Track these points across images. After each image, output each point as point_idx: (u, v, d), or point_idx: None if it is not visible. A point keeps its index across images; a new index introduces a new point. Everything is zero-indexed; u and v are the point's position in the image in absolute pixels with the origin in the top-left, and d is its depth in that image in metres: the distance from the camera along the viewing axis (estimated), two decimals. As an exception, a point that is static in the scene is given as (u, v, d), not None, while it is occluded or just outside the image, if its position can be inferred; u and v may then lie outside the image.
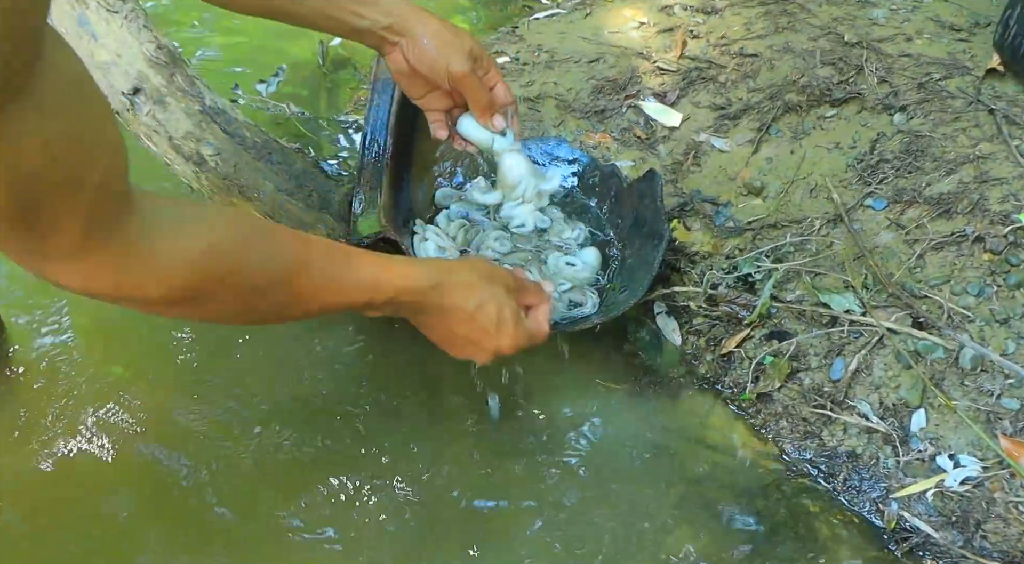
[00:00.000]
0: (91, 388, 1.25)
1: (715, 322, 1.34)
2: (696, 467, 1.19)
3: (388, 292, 0.88)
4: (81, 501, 1.12)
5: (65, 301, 1.34)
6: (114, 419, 1.21)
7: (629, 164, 1.58)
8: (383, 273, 0.88)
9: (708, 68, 1.72)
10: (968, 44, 1.62)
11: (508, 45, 1.90)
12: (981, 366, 1.15)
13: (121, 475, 1.16)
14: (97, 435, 1.19)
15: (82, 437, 1.19)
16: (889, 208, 1.36)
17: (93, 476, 1.15)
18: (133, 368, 1.28)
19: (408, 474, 1.17)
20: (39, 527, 1.10)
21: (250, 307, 0.80)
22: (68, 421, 1.20)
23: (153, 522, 1.11)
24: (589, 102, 1.71)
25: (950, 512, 1.08)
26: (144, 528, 1.10)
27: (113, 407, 1.22)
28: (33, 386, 1.25)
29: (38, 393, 1.24)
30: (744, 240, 1.41)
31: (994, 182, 1.31)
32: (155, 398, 1.24)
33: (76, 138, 0.60)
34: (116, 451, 1.18)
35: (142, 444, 1.18)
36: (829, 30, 1.71)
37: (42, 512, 1.11)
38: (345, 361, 1.32)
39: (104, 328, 1.33)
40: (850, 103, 1.55)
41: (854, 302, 1.26)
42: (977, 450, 1.11)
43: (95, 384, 1.25)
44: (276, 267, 0.79)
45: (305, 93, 1.90)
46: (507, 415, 1.25)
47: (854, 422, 1.18)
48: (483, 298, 0.96)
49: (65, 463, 1.16)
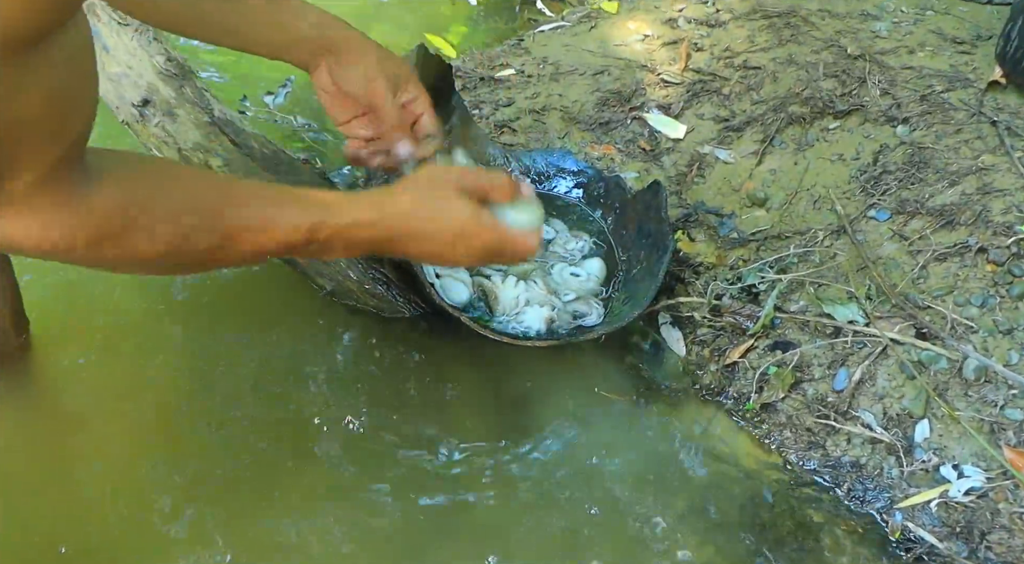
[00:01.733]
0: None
1: (719, 333, 1.34)
2: (700, 477, 1.20)
3: (328, 229, 0.83)
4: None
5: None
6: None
7: (633, 176, 1.59)
8: (320, 210, 0.84)
9: (712, 80, 1.73)
10: (970, 57, 1.63)
11: (513, 57, 1.92)
12: (985, 377, 1.15)
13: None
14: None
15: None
16: (892, 219, 1.37)
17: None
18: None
19: (404, 486, 1.17)
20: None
21: (173, 249, 0.78)
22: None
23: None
24: (594, 114, 1.72)
25: (954, 523, 1.08)
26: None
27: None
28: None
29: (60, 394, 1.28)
30: (748, 251, 1.42)
31: (997, 193, 1.32)
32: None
33: (72, 95, 0.63)
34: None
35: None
36: (832, 43, 1.72)
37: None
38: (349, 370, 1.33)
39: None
40: (853, 115, 1.55)
41: (858, 313, 1.26)
42: (981, 461, 1.11)
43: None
44: (199, 206, 0.78)
45: (313, 105, 1.91)
46: (510, 424, 1.26)
47: (858, 432, 1.18)
48: (432, 213, 0.89)
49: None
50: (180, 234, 0.77)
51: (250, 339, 1.35)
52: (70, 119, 0.65)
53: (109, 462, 1.19)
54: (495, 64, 1.91)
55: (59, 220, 0.70)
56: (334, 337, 1.37)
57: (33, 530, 1.11)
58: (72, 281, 1.39)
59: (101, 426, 1.23)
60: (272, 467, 1.19)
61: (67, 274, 1.40)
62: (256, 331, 1.37)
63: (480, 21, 2.28)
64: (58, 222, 0.70)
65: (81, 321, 1.36)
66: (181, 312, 1.40)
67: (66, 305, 1.38)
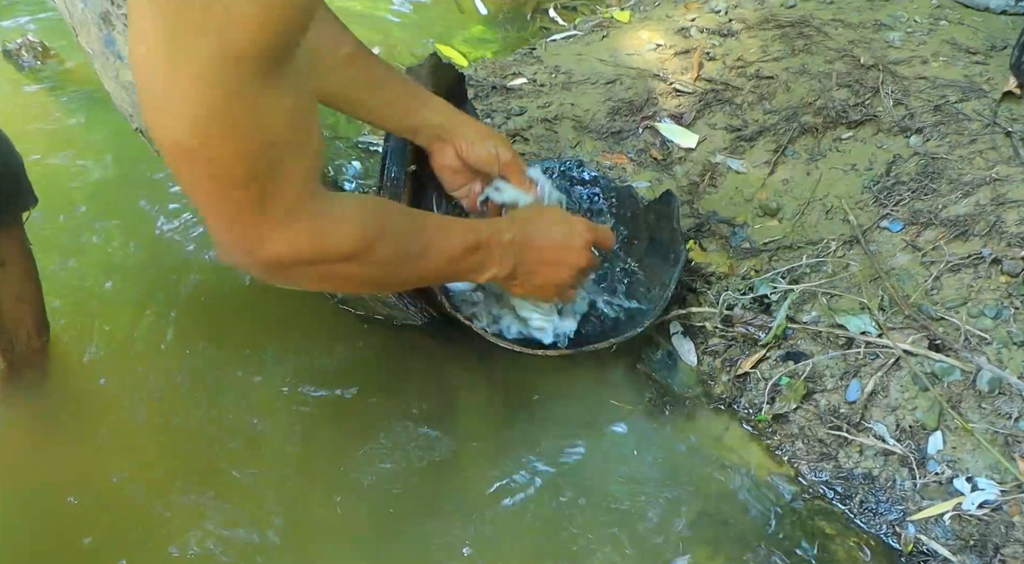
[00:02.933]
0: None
1: (731, 343, 1.34)
2: (711, 487, 1.19)
3: (485, 236, 1.05)
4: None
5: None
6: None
7: (645, 185, 1.59)
8: (472, 226, 1.06)
9: (724, 90, 1.73)
10: (984, 67, 1.62)
11: (526, 66, 1.92)
12: (999, 389, 1.15)
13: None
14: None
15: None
16: (905, 230, 1.36)
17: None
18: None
19: (413, 492, 1.18)
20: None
21: (391, 268, 0.93)
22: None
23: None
24: (606, 123, 1.72)
25: (968, 536, 1.08)
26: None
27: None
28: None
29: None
30: (760, 261, 1.42)
31: (1011, 204, 1.31)
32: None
33: (306, 107, 0.71)
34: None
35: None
36: (845, 53, 1.72)
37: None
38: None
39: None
40: (866, 125, 1.55)
41: (870, 324, 1.26)
42: (995, 473, 1.10)
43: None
44: (409, 228, 0.95)
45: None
46: (520, 433, 1.26)
47: (870, 444, 1.18)
48: (553, 219, 1.17)
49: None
50: (401, 253, 0.93)
51: (263, 345, 1.36)
52: (309, 131, 0.73)
53: (126, 462, 1.20)
54: (507, 73, 1.91)
55: (322, 233, 0.80)
56: (344, 344, 1.37)
57: (51, 530, 1.12)
58: (90, 288, 1.41)
59: (118, 428, 1.24)
60: (277, 473, 1.20)
61: (84, 281, 1.42)
62: (268, 338, 1.37)
63: (493, 30, 2.29)
64: (321, 235, 0.80)
65: (99, 326, 1.37)
66: (196, 318, 1.42)
67: (85, 310, 1.39)
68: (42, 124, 1.83)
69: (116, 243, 1.52)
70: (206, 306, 1.44)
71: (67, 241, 1.52)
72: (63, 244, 1.51)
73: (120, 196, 1.62)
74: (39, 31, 2.08)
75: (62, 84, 1.95)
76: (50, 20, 2.12)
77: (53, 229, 1.52)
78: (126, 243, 1.52)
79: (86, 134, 1.81)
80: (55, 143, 1.77)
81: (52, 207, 1.58)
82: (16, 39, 2.01)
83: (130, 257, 1.50)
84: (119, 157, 1.70)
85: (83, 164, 1.71)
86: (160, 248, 1.51)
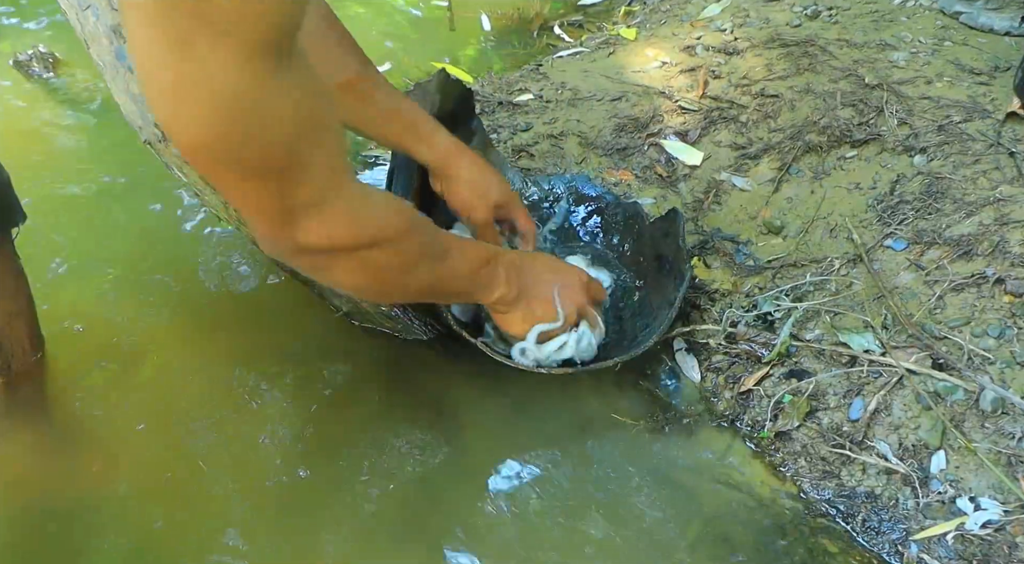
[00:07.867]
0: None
1: (734, 360, 1.34)
2: (713, 504, 1.19)
3: (495, 252, 1.11)
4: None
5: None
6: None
7: (650, 202, 1.59)
8: (482, 244, 1.14)
9: (729, 108, 1.74)
10: (988, 87, 1.63)
11: (532, 82, 1.93)
12: (1002, 408, 1.15)
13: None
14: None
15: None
16: (909, 249, 1.36)
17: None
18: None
19: (413, 503, 1.18)
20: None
21: (413, 261, 0.95)
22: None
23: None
24: (611, 140, 1.73)
25: (971, 555, 1.07)
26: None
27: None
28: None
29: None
30: (764, 279, 1.42)
31: (1015, 224, 1.31)
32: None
33: (320, 90, 0.71)
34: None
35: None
36: (850, 72, 1.73)
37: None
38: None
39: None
40: (870, 144, 1.56)
41: (874, 342, 1.26)
42: (998, 493, 1.10)
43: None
44: (430, 226, 0.98)
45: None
46: (523, 449, 1.26)
47: (873, 462, 1.18)
48: (549, 259, 1.26)
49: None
50: (427, 248, 0.96)
51: (265, 358, 1.36)
52: (327, 113, 0.74)
53: (125, 476, 1.20)
54: (513, 89, 1.92)
55: (356, 215, 0.82)
56: (349, 358, 1.38)
57: (48, 545, 1.12)
58: (84, 299, 1.42)
59: (117, 442, 1.24)
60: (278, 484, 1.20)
61: (81, 292, 1.42)
62: (272, 351, 1.38)
63: (499, 46, 2.30)
64: (355, 217, 0.82)
65: (94, 340, 1.37)
66: (196, 330, 1.42)
67: (80, 324, 1.39)
68: (51, 134, 1.85)
69: (121, 255, 1.53)
70: (210, 318, 1.44)
71: (71, 251, 1.53)
72: (66, 254, 1.52)
73: (126, 207, 1.63)
74: (50, 40, 2.11)
75: (72, 95, 1.97)
76: (62, 29, 2.14)
77: (57, 239, 1.54)
78: (132, 256, 1.53)
79: (95, 145, 1.82)
80: (63, 154, 1.79)
81: (58, 217, 1.59)
82: (27, 50, 2.03)
83: (135, 270, 1.51)
84: (127, 168, 1.72)
85: (91, 174, 1.72)
86: (165, 261, 1.52)
